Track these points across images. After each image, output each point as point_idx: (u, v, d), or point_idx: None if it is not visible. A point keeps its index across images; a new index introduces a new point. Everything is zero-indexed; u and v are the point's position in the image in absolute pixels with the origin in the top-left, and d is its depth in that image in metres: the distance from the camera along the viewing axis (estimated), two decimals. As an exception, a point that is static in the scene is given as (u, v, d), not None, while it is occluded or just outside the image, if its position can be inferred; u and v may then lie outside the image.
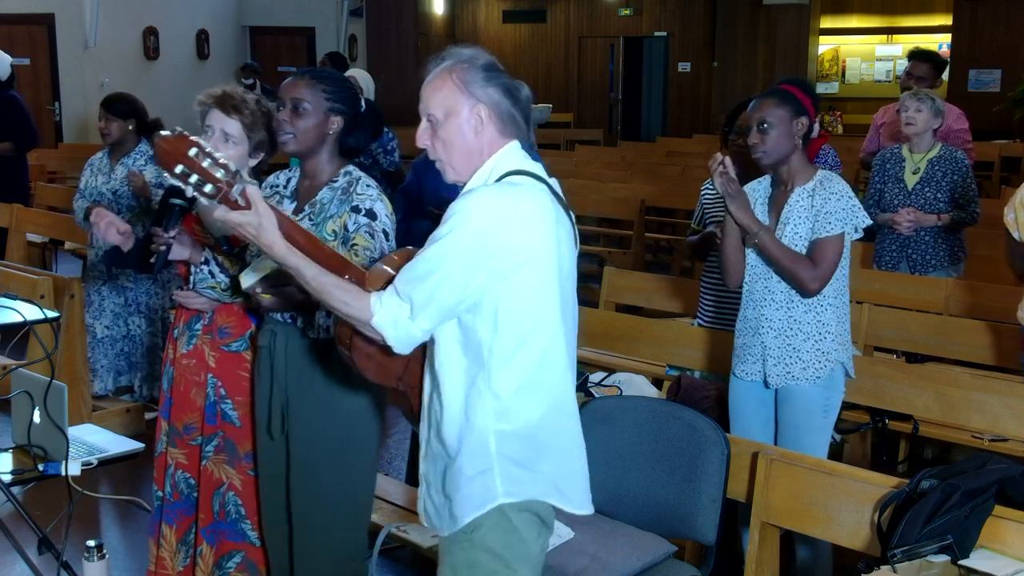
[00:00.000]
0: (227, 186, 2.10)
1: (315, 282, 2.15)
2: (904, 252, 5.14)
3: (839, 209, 3.17)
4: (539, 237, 2.12)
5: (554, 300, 2.17)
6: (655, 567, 2.88)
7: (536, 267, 2.12)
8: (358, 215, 2.77)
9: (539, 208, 2.14)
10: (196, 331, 3.16)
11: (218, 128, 3.04)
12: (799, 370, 3.26)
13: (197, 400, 3.15)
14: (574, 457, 2.26)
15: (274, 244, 2.12)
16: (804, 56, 16.36)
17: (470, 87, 2.16)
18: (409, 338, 2.13)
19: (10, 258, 7.13)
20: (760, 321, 3.30)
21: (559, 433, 2.21)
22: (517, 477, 2.16)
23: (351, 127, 2.88)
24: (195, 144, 2.10)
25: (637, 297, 5.52)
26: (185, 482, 3.18)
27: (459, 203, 2.10)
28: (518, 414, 2.15)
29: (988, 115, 12.09)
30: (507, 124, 2.20)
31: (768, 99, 3.23)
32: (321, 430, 2.82)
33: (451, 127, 2.17)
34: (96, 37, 13.05)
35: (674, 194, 8.98)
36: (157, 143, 2.11)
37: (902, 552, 2.41)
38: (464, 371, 2.15)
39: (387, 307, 2.11)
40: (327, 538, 2.87)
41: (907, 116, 5.03)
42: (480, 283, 2.08)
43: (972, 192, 5.00)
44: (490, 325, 2.12)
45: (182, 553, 3.19)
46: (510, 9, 19.33)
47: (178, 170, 2.09)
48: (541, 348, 2.16)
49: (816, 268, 3.16)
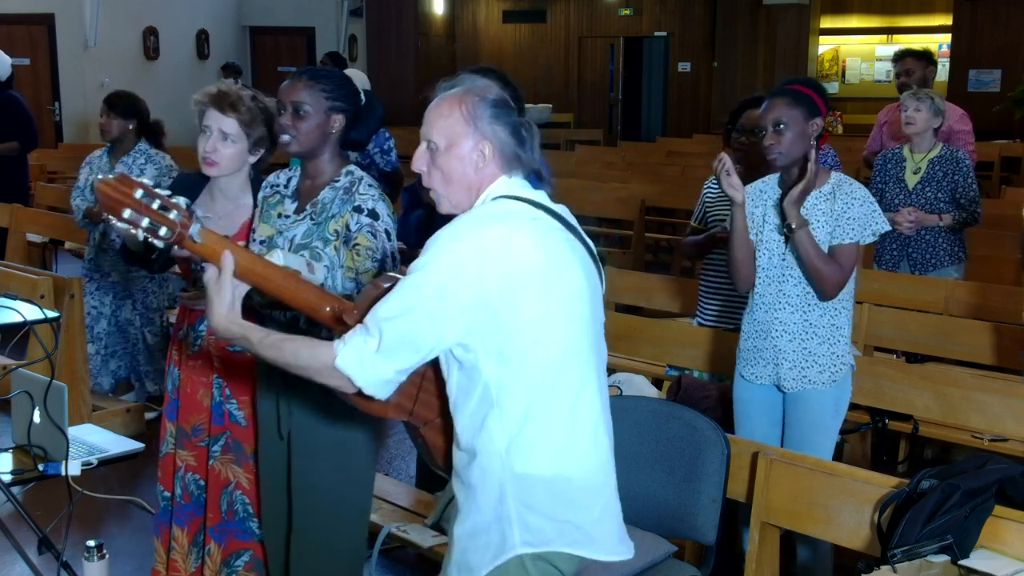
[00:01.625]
0: (182, 227, 1.97)
1: (261, 346, 2.05)
2: (905, 251, 5.14)
3: (862, 215, 3.14)
4: (528, 262, 1.98)
5: (567, 332, 2.04)
6: (655, 567, 2.88)
7: (533, 291, 1.98)
8: (360, 215, 2.77)
9: (524, 232, 2.01)
10: (201, 332, 3.16)
11: (215, 127, 3.04)
12: (815, 374, 3.23)
13: (204, 401, 3.15)
14: (604, 500, 2.10)
15: (217, 321, 2.04)
16: (804, 56, 16.36)
17: (477, 121, 2.06)
18: (379, 378, 1.97)
19: (10, 258, 7.12)
20: (773, 324, 3.26)
21: (585, 476, 2.06)
22: (538, 526, 2.02)
23: (353, 122, 2.88)
24: (139, 185, 1.95)
25: (637, 297, 5.52)
26: (195, 484, 3.19)
27: (438, 234, 2.00)
28: (533, 457, 2.01)
29: (988, 115, 12.08)
30: (510, 163, 2.09)
31: (781, 99, 3.17)
32: (321, 431, 2.82)
33: (451, 158, 2.07)
34: (96, 37, 13.07)
35: (674, 194, 8.98)
36: (98, 188, 1.95)
37: (902, 552, 2.41)
38: (473, 411, 2.03)
39: (351, 346, 1.96)
40: (327, 538, 2.87)
41: (907, 116, 5.04)
42: (466, 321, 1.96)
43: (974, 192, 4.99)
44: (493, 362, 1.99)
45: (193, 554, 3.20)
46: (510, 9, 19.32)
47: (126, 215, 1.93)
48: (555, 385, 2.02)
49: (842, 273, 3.14)
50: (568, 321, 2.05)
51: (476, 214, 2.05)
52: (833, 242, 3.16)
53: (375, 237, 2.75)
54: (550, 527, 2.03)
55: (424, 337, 1.96)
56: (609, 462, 2.14)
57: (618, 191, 9.07)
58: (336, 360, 1.96)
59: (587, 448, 2.07)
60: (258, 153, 3.13)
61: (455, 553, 2.11)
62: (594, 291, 2.13)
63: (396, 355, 1.96)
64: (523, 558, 2.03)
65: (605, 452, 2.13)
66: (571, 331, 2.05)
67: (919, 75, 5.90)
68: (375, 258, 2.75)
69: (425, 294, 1.95)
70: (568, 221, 2.14)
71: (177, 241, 1.99)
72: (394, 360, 1.96)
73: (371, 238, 2.75)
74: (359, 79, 6.01)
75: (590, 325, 2.10)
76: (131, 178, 1.96)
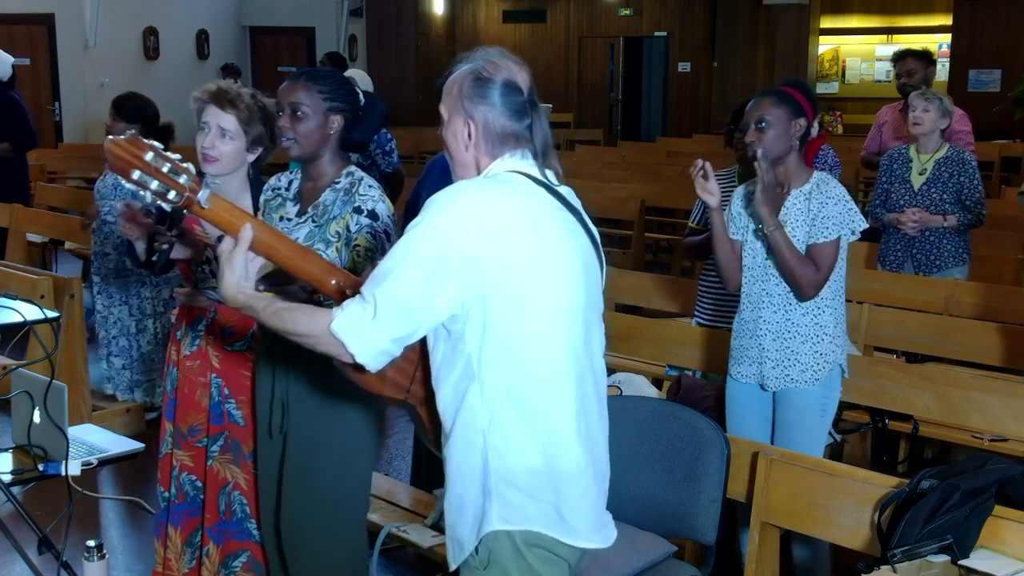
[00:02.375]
0: (191, 192, 1.97)
1: (265, 314, 2.04)
2: (909, 252, 5.12)
3: (836, 214, 3.17)
4: (523, 233, 1.98)
5: (555, 311, 2.02)
6: (655, 567, 2.88)
7: (524, 266, 1.97)
8: (360, 216, 2.77)
9: (520, 203, 2.01)
10: (199, 331, 3.16)
11: (214, 124, 3.03)
12: (797, 373, 3.25)
13: (202, 401, 3.15)
14: (585, 485, 2.07)
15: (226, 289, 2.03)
16: (804, 56, 16.37)
17: (464, 101, 2.08)
18: (374, 346, 1.95)
19: (10, 258, 7.12)
20: (758, 324, 3.29)
21: (567, 460, 2.04)
22: (517, 503, 2.01)
23: (352, 123, 2.87)
24: (150, 148, 1.95)
25: (637, 297, 5.52)
26: (191, 484, 3.18)
27: (435, 195, 2.00)
28: (514, 433, 2.00)
29: (988, 115, 12.08)
30: (500, 144, 2.09)
31: (767, 98, 3.23)
32: (320, 430, 2.82)
33: (448, 134, 2.12)
34: (96, 37, 13.07)
35: (674, 194, 8.97)
36: (107, 147, 1.95)
37: (902, 552, 2.41)
38: (455, 384, 2.02)
39: (347, 312, 1.94)
40: (325, 538, 2.87)
41: (914, 116, 4.99)
42: (457, 284, 1.94)
43: (979, 194, 4.97)
44: (478, 332, 1.97)
45: (187, 555, 3.20)
46: (510, 9, 19.32)
47: (135, 176, 1.94)
48: (541, 363, 2.01)
49: (817, 273, 3.17)
50: (556, 300, 2.03)
51: (474, 180, 2.07)
52: (810, 241, 3.19)
53: (375, 238, 2.75)
54: (529, 505, 2.02)
55: (416, 300, 1.94)
56: (596, 449, 2.12)
57: (618, 191, 9.07)
58: (332, 324, 1.95)
59: (571, 432, 2.05)
60: (256, 151, 3.12)
61: (448, 529, 2.12)
62: (590, 275, 2.11)
63: (390, 321, 1.94)
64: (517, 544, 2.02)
65: (592, 439, 2.11)
66: (559, 311, 2.03)
67: (921, 75, 5.89)
68: (374, 259, 2.74)
69: (416, 254, 1.95)
70: (570, 202, 2.13)
71: (185, 205, 1.98)
72: (388, 327, 1.94)
73: (371, 239, 2.75)
74: (361, 79, 6.02)
75: (582, 309, 2.08)
76: (142, 140, 1.96)
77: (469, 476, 2.04)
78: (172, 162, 1.96)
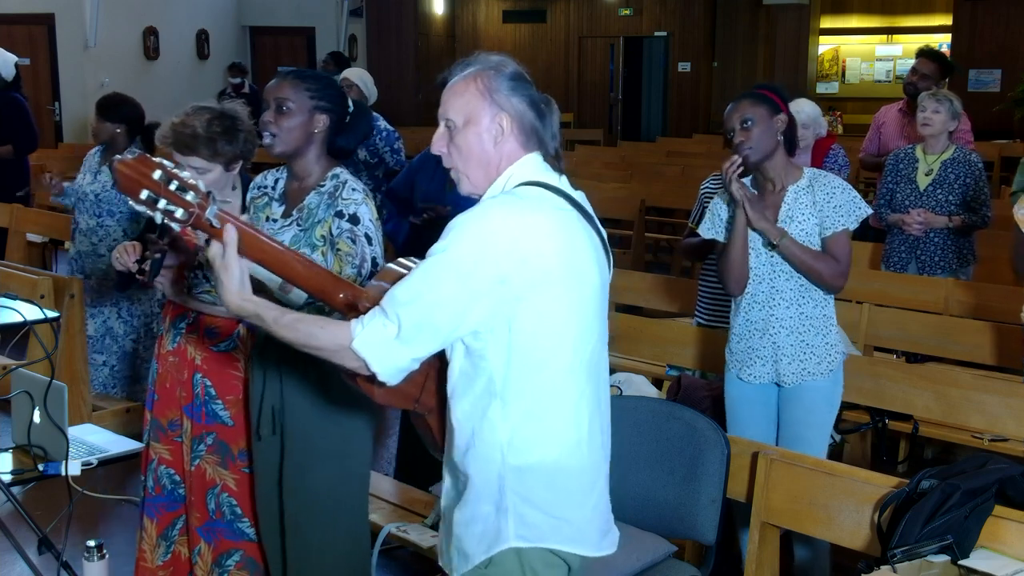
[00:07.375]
0: (200, 209, 1.95)
1: (276, 325, 2.00)
2: (913, 253, 5.11)
3: (846, 202, 3.21)
4: (552, 254, 1.95)
5: (579, 331, 2.02)
6: (655, 567, 2.88)
7: (552, 286, 1.95)
8: (341, 220, 2.75)
9: (551, 223, 1.98)
10: (181, 329, 3.16)
11: (186, 165, 3.01)
12: (813, 365, 3.27)
13: (180, 398, 3.15)
14: (596, 496, 2.09)
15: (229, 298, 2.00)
16: (804, 56, 16.37)
17: (494, 95, 2.04)
18: (396, 365, 1.94)
19: (10, 258, 7.12)
20: (770, 322, 3.29)
21: (582, 473, 2.04)
22: (533, 521, 2.00)
23: (339, 127, 2.86)
24: (159, 166, 1.93)
25: (637, 297, 5.52)
26: (168, 478, 3.18)
27: (461, 216, 1.96)
28: (535, 452, 1.99)
29: (988, 115, 12.08)
30: (529, 137, 2.07)
31: (743, 100, 3.26)
32: (317, 429, 2.81)
33: (469, 135, 2.05)
34: (96, 37, 13.07)
35: (674, 194, 8.98)
36: (116, 168, 1.94)
37: (902, 552, 2.41)
38: (475, 400, 2.00)
39: (370, 330, 1.92)
40: (324, 538, 2.87)
41: (924, 116, 4.96)
42: (485, 307, 1.92)
43: (984, 195, 4.95)
44: (502, 351, 1.95)
45: (162, 548, 3.20)
46: (510, 9, 19.32)
47: (144, 196, 1.92)
48: (561, 378, 2.00)
49: (839, 263, 3.21)
50: (579, 316, 2.02)
51: (501, 199, 2.01)
52: (824, 234, 3.20)
53: (355, 242, 2.73)
54: (545, 522, 2.01)
55: (443, 322, 1.92)
56: (604, 457, 2.13)
57: (618, 191, 9.08)
58: (353, 342, 1.93)
59: (586, 445, 2.05)
60: (236, 167, 3.13)
61: (454, 537, 2.09)
62: (604, 285, 2.11)
63: (415, 341, 1.92)
64: (521, 554, 2.01)
65: (603, 445, 2.12)
66: (582, 329, 2.03)
67: (933, 82, 5.83)
68: (354, 264, 2.72)
69: (445, 278, 1.92)
70: (585, 210, 2.12)
71: (195, 224, 1.96)
72: (412, 347, 1.93)
73: (350, 243, 2.73)
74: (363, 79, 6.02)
75: (599, 322, 2.09)
76: (150, 159, 1.94)
77: (483, 491, 2.02)
78: (180, 179, 1.95)
